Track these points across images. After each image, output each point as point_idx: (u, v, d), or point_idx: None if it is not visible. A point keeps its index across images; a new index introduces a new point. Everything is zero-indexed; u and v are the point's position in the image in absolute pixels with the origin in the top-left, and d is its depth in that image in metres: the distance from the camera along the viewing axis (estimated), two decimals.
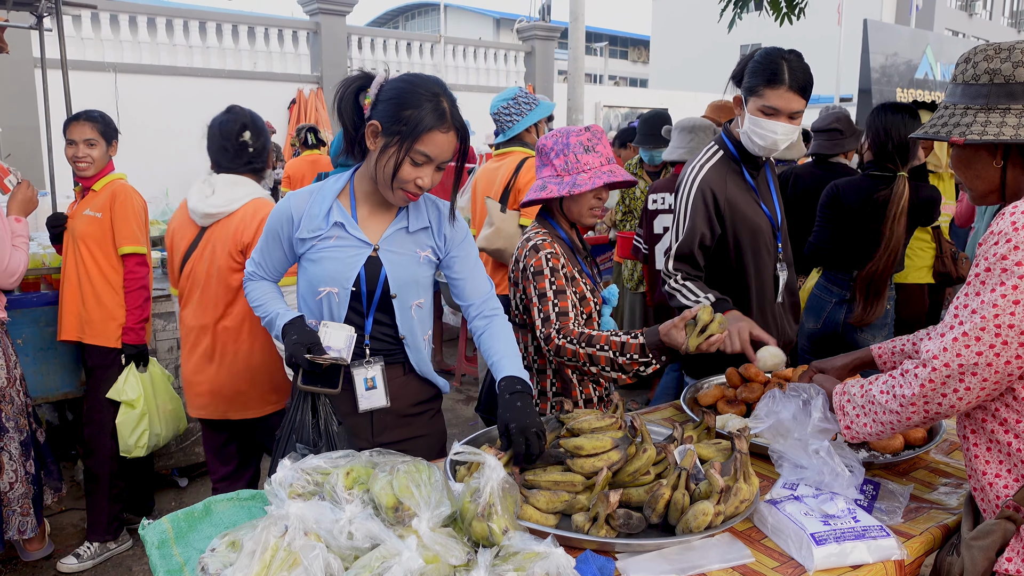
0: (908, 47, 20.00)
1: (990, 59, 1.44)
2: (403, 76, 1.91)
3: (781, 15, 4.72)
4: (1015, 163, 1.46)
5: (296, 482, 1.48)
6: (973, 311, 1.38)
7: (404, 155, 1.82)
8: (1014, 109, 1.42)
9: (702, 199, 2.50)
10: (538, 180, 2.32)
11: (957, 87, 1.50)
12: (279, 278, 2.14)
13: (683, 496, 1.56)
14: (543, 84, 16.41)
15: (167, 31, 12.02)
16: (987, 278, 1.37)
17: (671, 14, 37.83)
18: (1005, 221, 1.37)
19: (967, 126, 1.45)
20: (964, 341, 1.38)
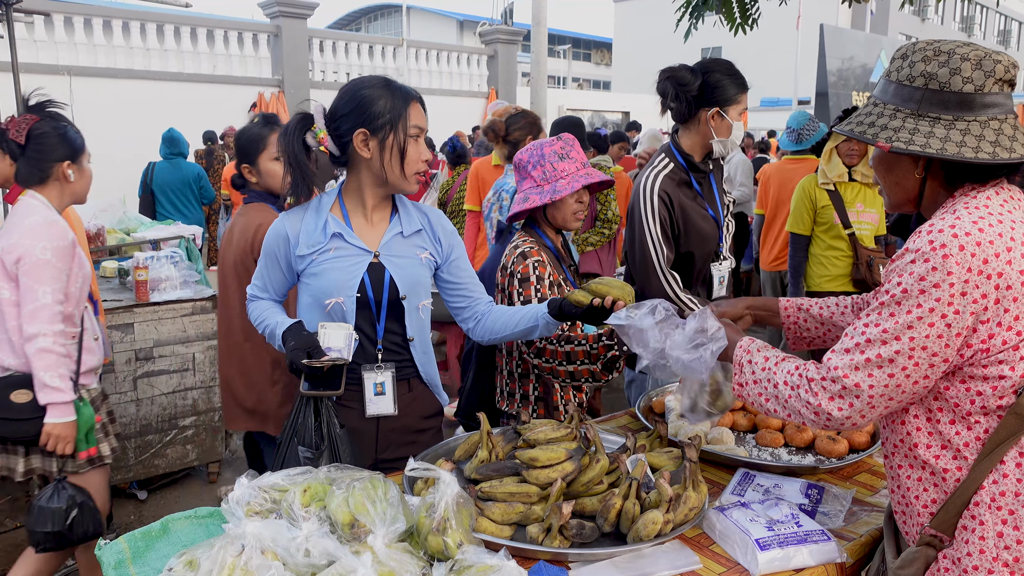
0: (863, 51, 20.45)
1: (928, 61, 1.36)
2: (344, 89, 1.97)
3: (735, 25, 4.83)
4: (935, 176, 1.41)
5: (253, 500, 1.49)
6: (885, 331, 1.32)
7: (404, 136, 1.92)
8: (944, 120, 1.34)
9: (661, 207, 2.65)
10: (520, 193, 2.44)
11: (890, 84, 1.41)
12: (282, 299, 2.17)
13: (634, 505, 1.61)
14: (506, 88, 16.48)
15: (123, 33, 11.85)
16: (903, 299, 1.30)
17: (632, 17, 38.17)
18: (922, 240, 1.30)
19: (895, 131, 1.37)
20: (877, 363, 1.33)
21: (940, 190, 1.41)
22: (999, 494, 1.30)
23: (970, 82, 1.32)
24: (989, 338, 1.29)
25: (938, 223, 1.31)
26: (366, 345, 2.02)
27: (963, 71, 1.32)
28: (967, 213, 1.31)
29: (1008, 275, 1.27)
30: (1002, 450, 1.30)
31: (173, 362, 3.87)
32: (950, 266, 1.26)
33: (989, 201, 1.35)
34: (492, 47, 16.48)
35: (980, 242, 1.26)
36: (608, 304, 1.87)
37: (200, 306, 3.95)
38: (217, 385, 4.07)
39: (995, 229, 1.28)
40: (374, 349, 2.04)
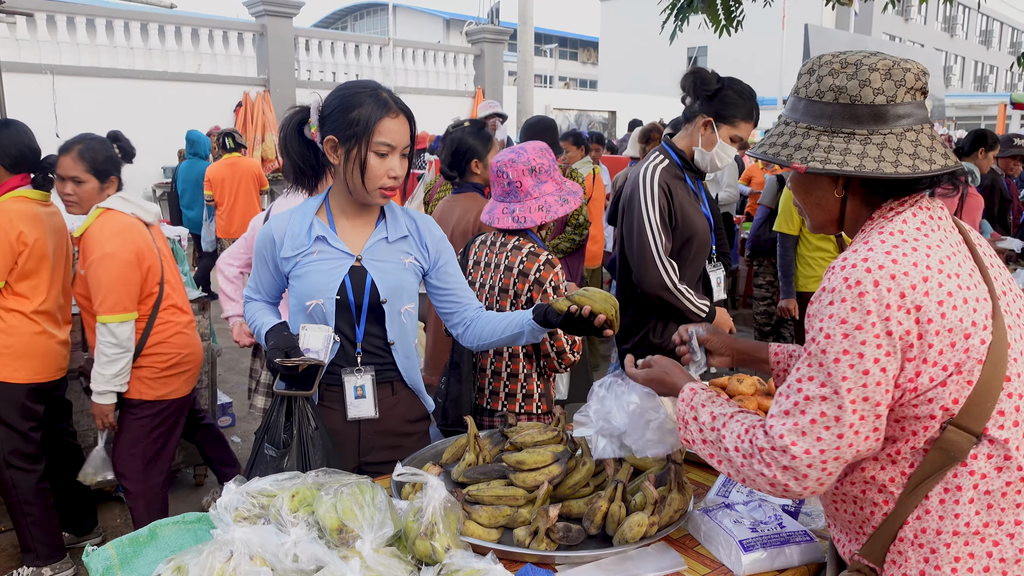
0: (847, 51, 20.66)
1: (835, 74, 1.29)
2: (337, 88, 1.98)
3: (720, 27, 4.87)
4: (856, 194, 1.34)
5: (241, 505, 1.50)
6: (823, 384, 1.23)
7: (367, 150, 1.89)
8: (858, 135, 1.27)
9: (661, 196, 2.72)
10: (553, 196, 2.51)
11: (800, 101, 1.34)
12: (276, 300, 2.19)
13: (619, 508, 1.63)
14: (493, 87, 16.48)
15: (107, 32, 11.75)
16: (828, 346, 1.21)
17: (618, 16, 38.26)
18: (837, 277, 1.23)
19: (809, 150, 1.29)
20: (823, 424, 1.23)
21: (861, 208, 1.35)
22: (921, 531, 1.26)
23: (881, 93, 1.26)
24: (916, 376, 1.21)
25: (851, 256, 1.24)
26: (346, 347, 2.03)
27: (872, 82, 1.26)
28: (880, 242, 1.24)
29: (927, 308, 1.20)
30: (927, 486, 1.25)
31: None
32: (868, 304, 1.19)
33: (905, 225, 1.28)
34: (479, 46, 16.47)
35: (895, 274, 1.19)
36: (585, 314, 1.85)
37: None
38: (204, 388, 4.06)
39: (909, 259, 1.22)
40: (354, 352, 2.04)
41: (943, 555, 1.24)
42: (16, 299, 2.99)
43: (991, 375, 1.21)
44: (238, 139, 7.61)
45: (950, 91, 33.12)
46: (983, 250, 1.36)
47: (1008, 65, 42.07)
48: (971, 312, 1.22)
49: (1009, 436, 1.22)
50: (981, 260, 1.31)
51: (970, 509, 1.23)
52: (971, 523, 1.24)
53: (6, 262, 2.90)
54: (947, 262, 1.24)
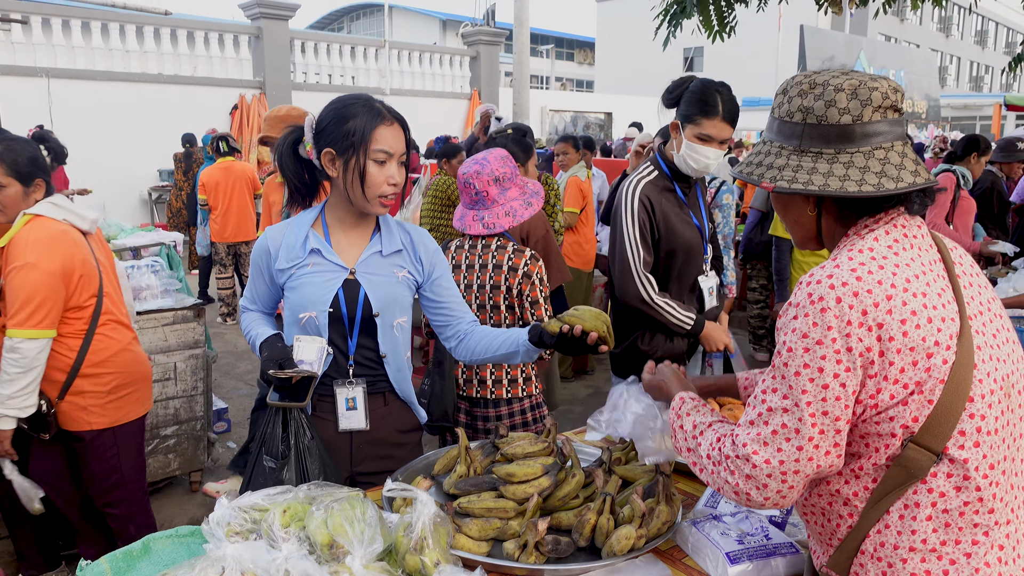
0: (843, 52, 20.64)
1: (804, 95, 1.32)
2: (330, 103, 2.01)
3: (713, 33, 4.90)
4: (829, 212, 1.37)
5: (233, 520, 1.51)
6: (785, 396, 1.25)
7: (365, 159, 1.91)
8: (826, 154, 1.30)
9: (641, 210, 2.74)
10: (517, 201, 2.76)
11: (774, 122, 1.38)
12: (272, 311, 2.21)
13: (608, 520, 1.65)
14: (488, 89, 16.50)
15: (102, 35, 11.75)
16: (790, 359, 1.25)
17: (615, 17, 38.31)
18: (802, 292, 1.26)
19: (779, 169, 1.33)
20: (784, 435, 1.26)
21: (836, 225, 1.37)
22: (880, 544, 1.28)
23: (847, 113, 1.28)
24: (877, 393, 1.23)
25: (818, 272, 1.27)
26: (339, 360, 2.05)
27: (838, 102, 1.28)
28: (848, 259, 1.27)
29: (889, 325, 1.21)
30: (888, 501, 1.27)
31: (155, 372, 3.86)
32: (829, 320, 1.22)
33: (876, 243, 1.29)
34: (474, 48, 16.49)
35: (857, 292, 1.21)
36: (577, 333, 1.86)
37: (181, 315, 3.95)
38: (199, 394, 4.07)
39: (875, 276, 1.23)
40: (346, 364, 2.06)
41: (899, 570, 1.26)
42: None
43: (953, 395, 1.22)
44: (232, 143, 7.67)
45: (945, 91, 33.20)
46: (962, 269, 1.36)
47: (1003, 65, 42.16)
48: (935, 332, 1.23)
49: (968, 456, 1.23)
50: (956, 280, 1.31)
51: (928, 526, 1.25)
52: (928, 540, 1.25)
53: None
54: (915, 281, 1.25)
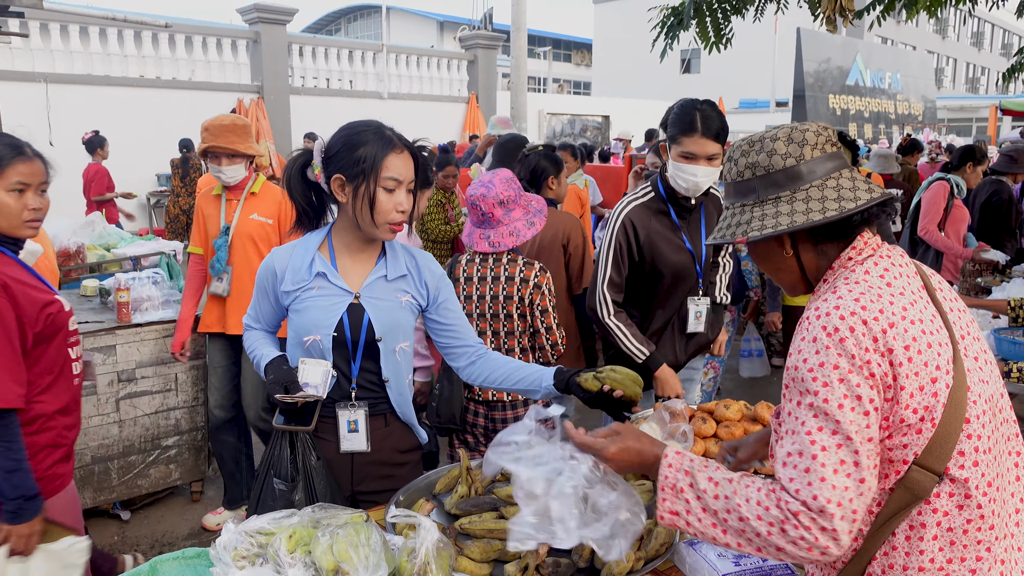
0: (840, 54, 20.71)
1: (746, 154, 1.44)
2: (341, 129, 2.04)
3: (709, 44, 4.94)
4: (805, 247, 1.43)
5: (240, 545, 1.54)
6: (835, 432, 1.25)
7: (375, 186, 1.94)
8: (783, 197, 1.39)
9: (624, 232, 2.81)
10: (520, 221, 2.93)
11: (729, 186, 1.48)
12: (275, 329, 2.23)
13: None
14: (486, 93, 16.52)
15: (101, 40, 11.76)
16: (829, 394, 1.25)
17: (612, 19, 38.36)
18: (815, 327, 1.30)
19: (747, 223, 1.42)
20: (844, 471, 1.24)
21: (817, 260, 1.44)
22: (888, 567, 1.32)
23: (789, 156, 1.39)
24: (892, 415, 1.27)
25: (823, 305, 1.32)
26: (342, 382, 2.07)
27: (777, 150, 1.40)
28: (848, 291, 1.32)
29: (897, 351, 1.26)
30: (893, 523, 1.30)
31: (156, 383, 3.89)
32: (850, 348, 1.25)
33: (867, 275, 1.35)
34: (472, 52, 16.52)
35: (866, 320, 1.26)
36: (617, 396, 1.88)
37: None
38: (200, 404, 4.10)
39: (876, 305, 1.29)
40: (349, 387, 2.08)
41: None
42: None
43: (952, 417, 1.28)
44: None
45: (942, 93, 33.30)
46: (943, 295, 1.42)
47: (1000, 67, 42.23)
48: (935, 356, 1.29)
49: (969, 475, 1.28)
50: (940, 305, 1.38)
51: (934, 546, 1.29)
52: (935, 559, 1.30)
53: None
54: (910, 308, 1.31)
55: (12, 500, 1.99)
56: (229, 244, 3.62)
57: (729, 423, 2.39)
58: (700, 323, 2.94)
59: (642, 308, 2.93)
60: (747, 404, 2.51)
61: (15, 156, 2.10)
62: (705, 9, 4.89)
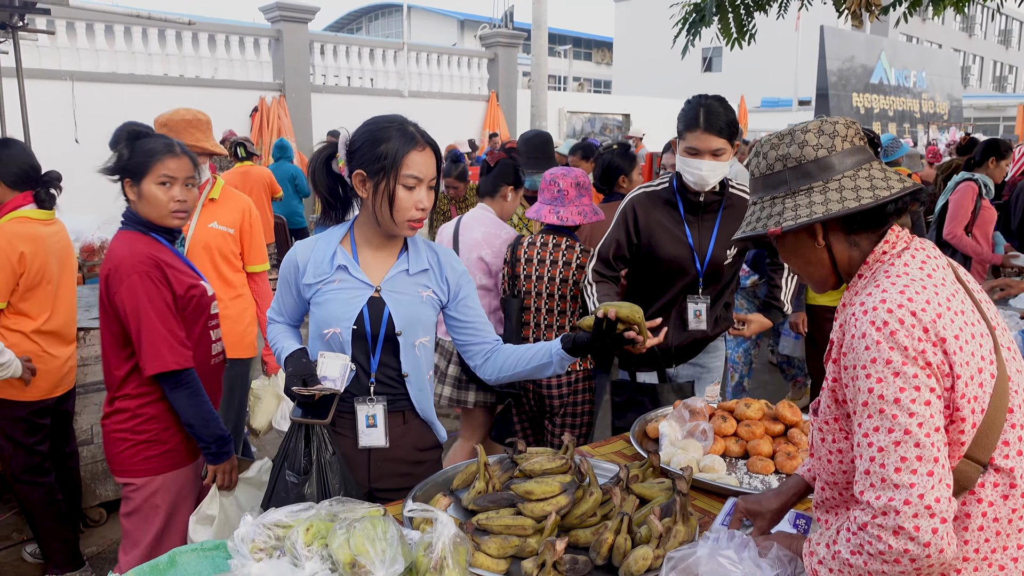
0: (863, 52, 20.49)
1: (776, 147, 1.43)
2: (365, 123, 2.04)
3: (731, 40, 4.89)
4: (837, 238, 1.42)
5: (258, 537, 1.55)
6: (891, 430, 1.22)
7: (395, 183, 1.94)
8: (816, 187, 1.39)
9: (624, 215, 2.93)
10: (588, 207, 3.24)
11: (757, 181, 1.47)
12: (299, 323, 2.26)
13: (625, 540, 1.66)
14: (506, 91, 16.51)
15: (125, 38, 11.88)
16: (884, 390, 1.23)
17: (633, 17, 38.21)
18: (863, 323, 1.27)
19: (779, 215, 1.40)
20: (909, 467, 1.20)
21: (849, 251, 1.42)
22: None
23: (820, 147, 1.39)
24: (951, 403, 1.26)
25: (868, 300, 1.29)
26: (360, 377, 2.07)
27: (809, 141, 1.40)
28: (891, 284, 1.30)
29: (949, 340, 1.25)
30: None
31: None
32: (902, 341, 1.23)
33: (907, 267, 1.34)
34: (492, 50, 16.51)
35: (914, 311, 1.25)
36: (612, 316, 1.90)
37: None
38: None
39: (923, 296, 1.27)
40: (368, 382, 2.08)
41: None
42: (17, 319, 3.03)
43: (996, 407, 1.28)
44: (250, 148, 7.78)
45: (968, 92, 32.85)
46: (972, 286, 1.42)
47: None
48: (979, 347, 1.29)
49: (1014, 465, 1.29)
50: (974, 295, 1.38)
51: (979, 536, 1.30)
52: (980, 549, 1.30)
53: (7, 284, 2.95)
54: (953, 299, 1.31)
55: (211, 444, 2.31)
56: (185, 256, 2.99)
57: (750, 422, 2.37)
58: (701, 321, 2.94)
59: (642, 296, 2.96)
60: (768, 403, 2.49)
61: (165, 153, 2.32)
62: (728, 5, 4.85)
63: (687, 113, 2.72)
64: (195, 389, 2.28)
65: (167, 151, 2.32)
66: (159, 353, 2.21)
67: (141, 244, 2.30)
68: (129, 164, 2.30)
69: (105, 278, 2.30)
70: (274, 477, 2.00)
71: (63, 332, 3.18)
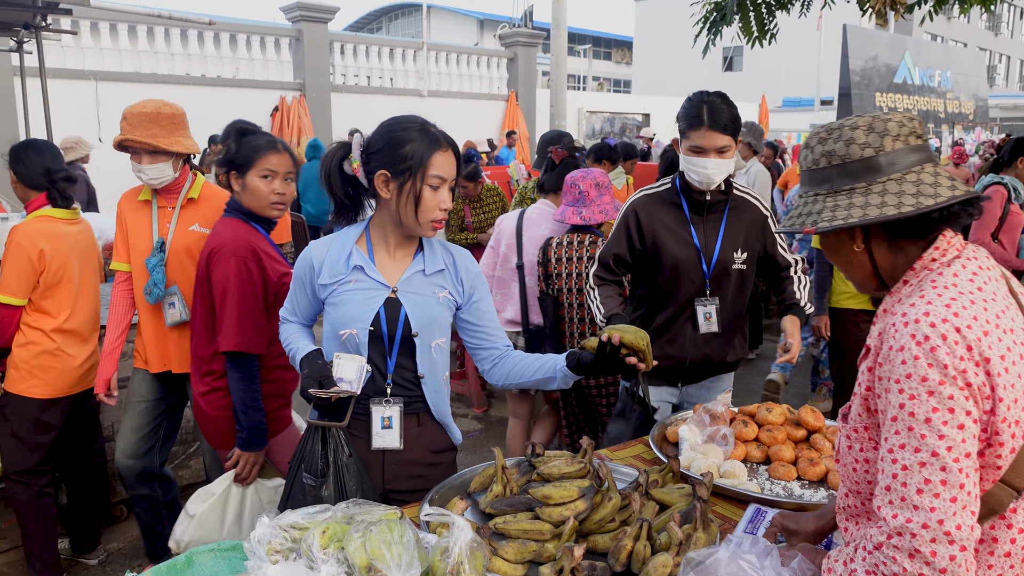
0: (887, 51, 20.25)
1: (823, 141, 1.37)
2: (383, 124, 2.03)
3: (752, 39, 4.84)
4: (879, 243, 1.36)
5: (274, 539, 1.54)
6: (917, 449, 1.17)
7: (421, 184, 1.95)
8: (858, 188, 1.32)
9: (625, 219, 2.85)
10: (609, 205, 3.47)
11: (804, 174, 1.42)
12: (312, 323, 2.24)
13: (644, 547, 1.64)
14: (525, 91, 16.50)
15: (148, 39, 12.00)
16: (916, 407, 1.17)
17: (653, 17, 38.04)
18: (902, 335, 1.21)
19: (818, 214, 1.35)
20: (932, 490, 1.15)
21: (892, 257, 1.36)
22: None
23: (868, 147, 1.32)
24: (989, 427, 1.20)
25: (911, 311, 1.23)
26: (376, 378, 2.06)
27: (856, 139, 1.33)
28: (937, 296, 1.23)
29: (993, 361, 1.19)
30: None
31: None
32: (942, 358, 1.17)
33: (957, 278, 1.27)
34: (512, 50, 16.50)
35: (959, 327, 1.19)
36: (616, 342, 1.89)
37: None
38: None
39: (970, 312, 1.21)
40: (384, 383, 2.07)
41: None
42: (38, 316, 3.06)
43: None
44: None
45: (994, 91, 32.37)
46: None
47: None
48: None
49: None
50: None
51: (1005, 562, 1.25)
52: (1004, 575, 1.25)
53: (28, 281, 2.98)
54: (1002, 316, 1.24)
55: (246, 430, 2.47)
56: (165, 263, 2.91)
57: (771, 427, 2.33)
58: (712, 324, 2.81)
59: (650, 300, 2.89)
60: (790, 408, 2.45)
61: (268, 149, 2.55)
62: (749, 4, 4.80)
63: (690, 111, 2.65)
64: (251, 376, 2.47)
65: (270, 147, 2.54)
66: (233, 332, 2.44)
67: (243, 231, 2.54)
68: (236, 157, 2.53)
69: (207, 257, 2.52)
70: (291, 479, 1.99)
71: (83, 331, 3.20)
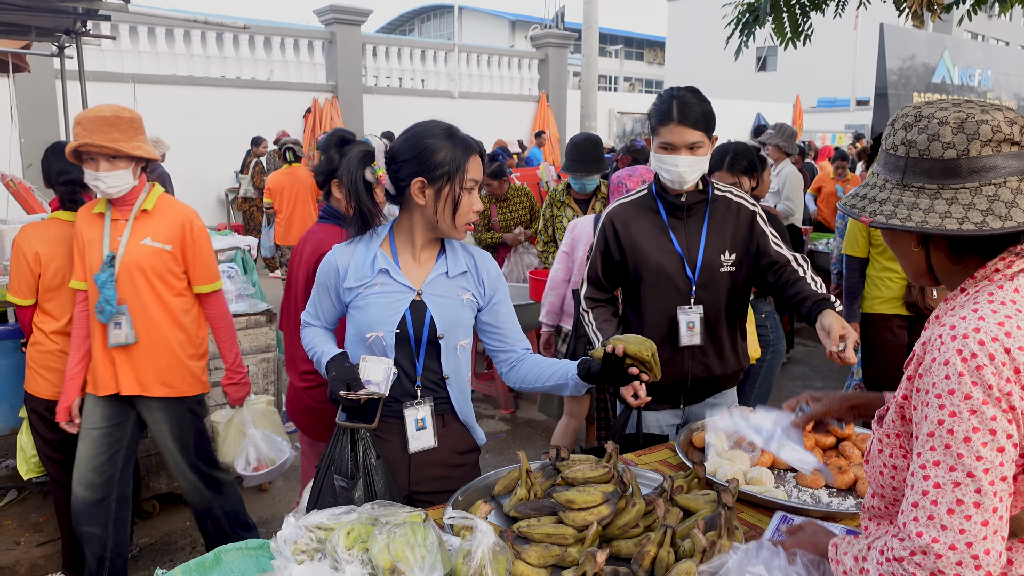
0: (925, 50, 19.84)
1: (908, 128, 1.25)
2: (409, 133, 2.05)
3: (786, 40, 4.79)
4: (939, 249, 1.28)
5: (300, 539, 1.56)
6: (952, 468, 1.13)
7: (460, 188, 1.99)
8: (928, 189, 1.22)
9: (603, 232, 2.74)
10: None
11: (882, 154, 1.32)
12: (333, 326, 2.26)
13: (668, 554, 1.63)
14: (557, 92, 16.49)
15: (185, 42, 12.21)
16: (956, 425, 1.13)
17: (686, 16, 37.77)
18: (948, 349, 1.16)
19: (881, 203, 1.27)
20: (963, 512, 1.11)
21: (950, 264, 1.29)
22: None
23: (952, 147, 1.20)
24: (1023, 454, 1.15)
25: (960, 325, 1.17)
26: (404, 381, 2.07)
27: (942, 136, 1.20)
28: (991, 311, 1.17)
29: None
30: None
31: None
32: (987, 378, 1.12)
33: (1017, 294, 1.20)
34: (543, 51, 16.50)
35: (1009, 348, 1.13)
36: (619, 353, 1.91)
37: (255, 320, 4.07)
38: (271, 396, 4.19)
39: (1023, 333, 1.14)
40: (413, 386, 2.09)
41: None
42: (43, 318, 3.09)
43: None
44: (298, 152, 8.02)
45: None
46: None
47: None
48: None
49: None
50: None
51: None
52: None
53: (26, 281, 3.01)
54: None
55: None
56: (116, 279, 2.79)
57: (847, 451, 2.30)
58: (694, 335, 2.62)
59: (636, 314, 2.73)
60: None
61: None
62: (783, 5, 4.75)
63: (659, 107, 2.56)
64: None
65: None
66: None
67: (340, 237, 2.55)
68: (336, 167, 2.61)
69: (318, 259, 2.53)
70: (319, 481, 2.00)
71: None
